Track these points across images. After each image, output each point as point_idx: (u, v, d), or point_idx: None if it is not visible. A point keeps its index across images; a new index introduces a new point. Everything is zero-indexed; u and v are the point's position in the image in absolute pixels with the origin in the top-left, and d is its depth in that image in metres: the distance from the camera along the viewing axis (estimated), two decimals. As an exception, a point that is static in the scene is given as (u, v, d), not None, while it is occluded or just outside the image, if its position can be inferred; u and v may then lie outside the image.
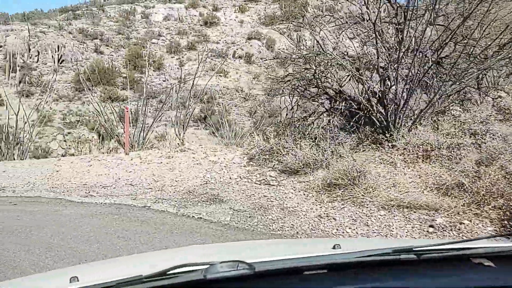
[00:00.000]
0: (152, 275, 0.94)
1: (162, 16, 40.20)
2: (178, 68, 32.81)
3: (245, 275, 0.92)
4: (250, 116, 28.71)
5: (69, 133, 13.78)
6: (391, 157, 5.83)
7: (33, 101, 20.60)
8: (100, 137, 9.64)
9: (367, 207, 4.85)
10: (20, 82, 23.99)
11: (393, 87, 6.17)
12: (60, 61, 29.35)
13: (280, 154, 6.68)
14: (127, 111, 7.51)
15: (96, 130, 11.03)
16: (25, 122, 9.75)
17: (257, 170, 6.63)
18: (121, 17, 39.25)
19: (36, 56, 29.97)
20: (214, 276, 0.90)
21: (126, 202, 5.60)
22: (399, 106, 6.16)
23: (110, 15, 40.02)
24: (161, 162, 7.22)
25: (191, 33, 38.28)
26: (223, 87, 32.81)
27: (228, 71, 34.63)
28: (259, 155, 6.87)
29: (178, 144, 8.00)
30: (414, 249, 1.10)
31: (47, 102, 12.11)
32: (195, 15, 41.43)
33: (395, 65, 6.01)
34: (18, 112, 9.65)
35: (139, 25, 38.60)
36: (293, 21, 6.84)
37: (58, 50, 29.68)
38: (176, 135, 8.44)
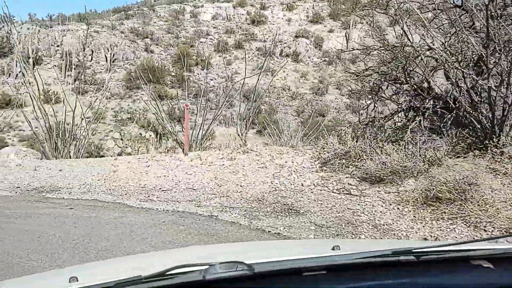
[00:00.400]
0: (152, 276, 0.91)
1: (211, 15, 40.30)
2: (225, 66, 32.57)
3: (244, 276, 0.91)
4: (297, 116, 27.88)
5: (120, 130, 13.66)
6: (504, 167, 4.82)
7: (87, 99, 20.96)
8: (158, 136, 9.23)
9: (485, 230, 3.91)
10: (75, 80, 24.64)
11: (504, 83, 5.14)
12: (112, 60, 29.98)
13: (359, 159, 5.83)
14: (187, 108, 6.93)
15: (154, 128, 10.71)
16: (82, 119, 9.54)
17: (332, 176, 5.81)
18: (171, 17, 39.74)
19: (90, 55, 30.82)
20: (213, 276, 0.89)
21: (189, 209, 4.99)
22: (510, 105, 5.11)
23: (160, 15, 40.64)
24: (223, 164, 6.59)
25: (238, 31, 38.04)
26: (270, 85, 32.22)
27: (275, 70, 33.99)
28: (334, 160, 6.05)
29: (240, 145, 7.34)
30: (413, 250, 1.08)
31: (101, 100, 11.98)
32: (242, 14, 41.20)
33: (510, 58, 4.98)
34: (74, 108, 9.45)
35: (187, 24, 38.87)
36: (375, 8, 5.91)
37: (110, 49, 30.34)
38: (238, 135, 7.80)
